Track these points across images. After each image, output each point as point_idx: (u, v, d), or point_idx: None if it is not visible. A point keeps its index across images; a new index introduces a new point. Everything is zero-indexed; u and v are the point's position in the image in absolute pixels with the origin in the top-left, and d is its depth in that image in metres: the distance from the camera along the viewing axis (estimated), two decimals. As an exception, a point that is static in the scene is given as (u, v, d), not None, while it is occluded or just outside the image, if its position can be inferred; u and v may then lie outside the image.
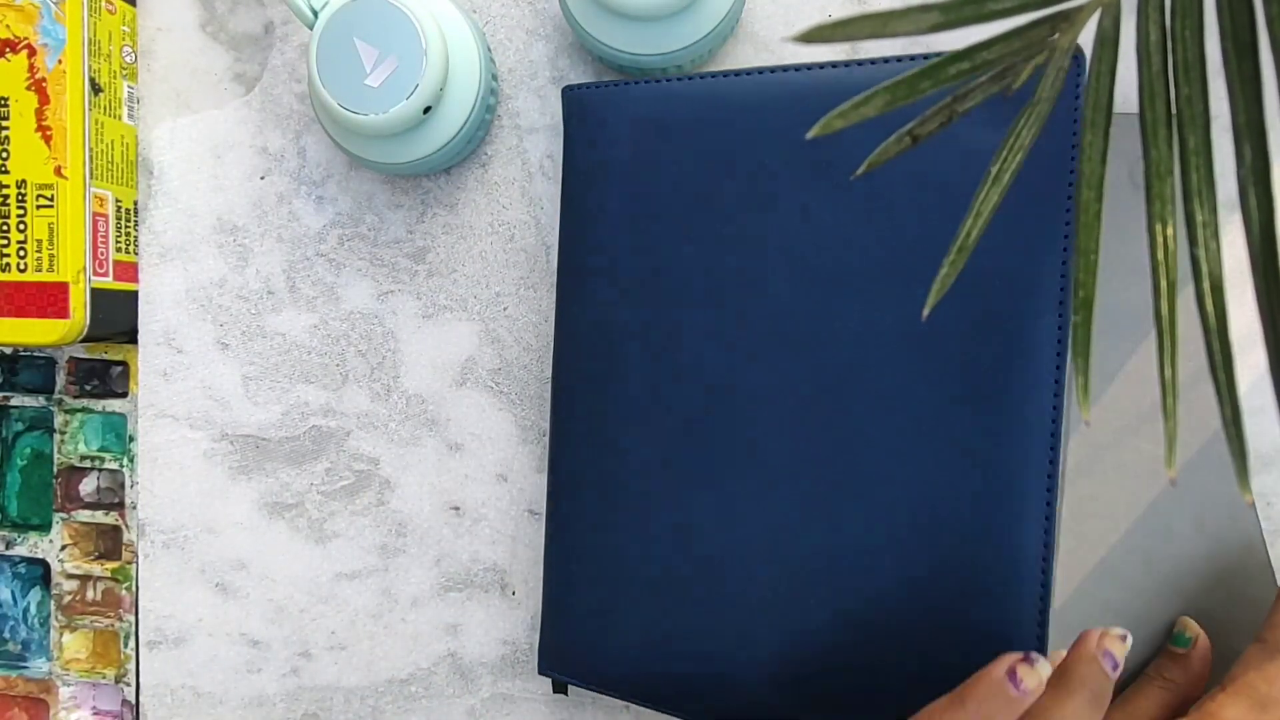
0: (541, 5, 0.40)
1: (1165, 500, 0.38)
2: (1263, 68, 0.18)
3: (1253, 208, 0.17)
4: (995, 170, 0.22)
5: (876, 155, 0.21)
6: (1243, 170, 0.17)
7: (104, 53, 0.39)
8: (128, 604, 0.43)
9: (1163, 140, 0.19)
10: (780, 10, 0.39)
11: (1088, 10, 0.21)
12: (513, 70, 0.40)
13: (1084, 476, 0.38)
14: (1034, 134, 0.22)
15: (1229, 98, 0.19)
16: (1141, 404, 0.38)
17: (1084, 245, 0.20)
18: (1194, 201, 0.18)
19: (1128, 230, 0.38)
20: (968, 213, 0.21)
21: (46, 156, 0.38)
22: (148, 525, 0.42)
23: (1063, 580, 0.38)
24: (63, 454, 0.43)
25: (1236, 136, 0.18)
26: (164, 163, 0.42)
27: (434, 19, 0.35)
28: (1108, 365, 0.38)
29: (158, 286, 0.42)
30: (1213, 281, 0.18)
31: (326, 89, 0.35)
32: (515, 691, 0.41)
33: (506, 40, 0.40)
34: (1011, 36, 0.21)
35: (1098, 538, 0.38)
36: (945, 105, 0.21)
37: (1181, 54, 0.20)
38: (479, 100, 0.37)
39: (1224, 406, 0.17)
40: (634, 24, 0.35)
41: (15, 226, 0.38)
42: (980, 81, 0.21)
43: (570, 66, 0.40)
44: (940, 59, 0.20)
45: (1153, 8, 0.20)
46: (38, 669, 0.44)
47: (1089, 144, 0.21)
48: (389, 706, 0.41)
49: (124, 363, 0.43)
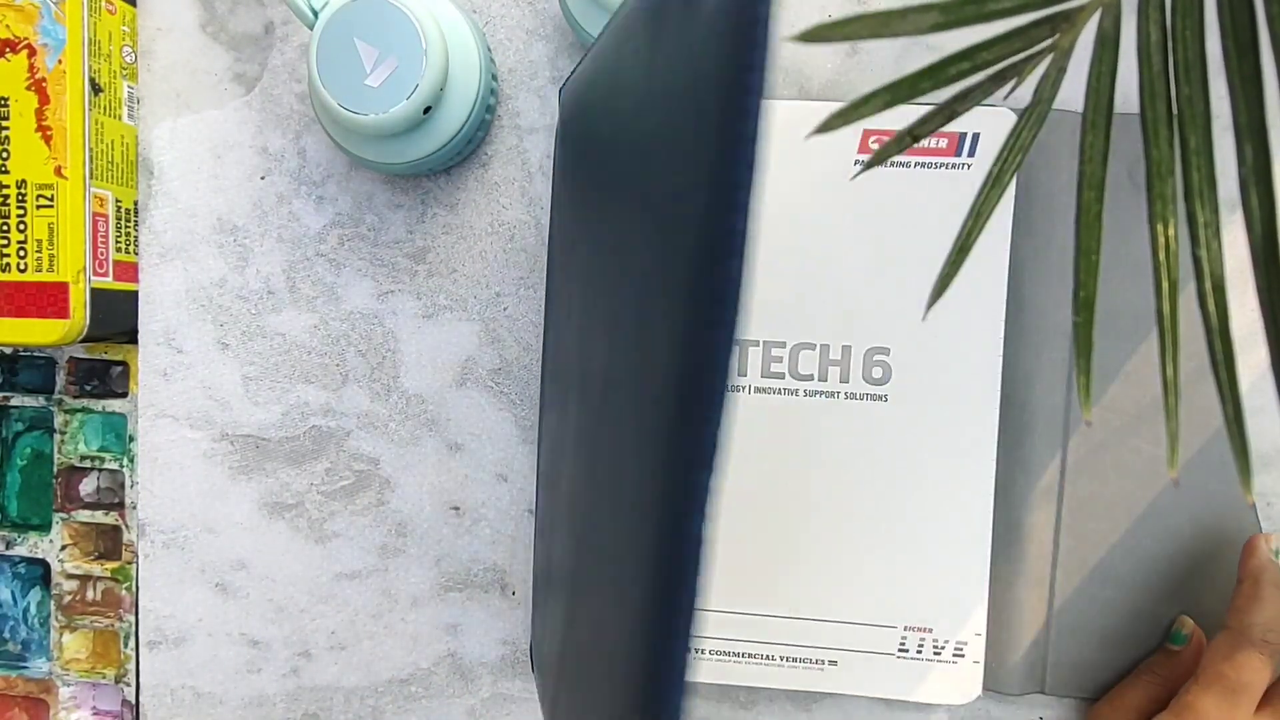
0: (541, 5, 0.40)
1: (1165, 500, 0.38)
2: (1264, 66, 0.18)
3: (1254, 206, 0.17)
4: (996, 171, 0.22)
5: (876, 155, 0.21)
6: (1244, 169, 0.17)
7: (104, 53, 0.39)
8: (128, 604, 0.43)
9: (1164, 140, 0.19)
10: (780, 10, 0.39)
11: (1088, 10, 0.21)
12: (513, 70, 0.40)
13: (1084, 476, 0.38)
14: (1034, 134, 0.22)
15: (1230, 97, 0.19)
16: (1141, 404, 0.38)
17: (1085, 245, 0.20)
18: (1195, 201, 0.18)
19: (1127, 230, 0.38)
20: (969, 214, 0.21)
21: (46, 156, 0.38)
22: (148, 525, 0.42)
23: (1063, 580, 0.38)
24: (63, 454, 0.43)
25: (1238, 135, 0.18)
26: (164, 163, 0.42)
27: (434, 19, 0.35)
28: (1107, 365, 0.38)
29: (158, 286, 0.42)
30: (1214, 281, 0.18)
31: (326, 89, 0.35)
32: (515, 691, 0.41)
33: (506, 40, 0.40)
34: (1012, 37, 0.21)
35: (1098, 538, 0.38)
36: (946, 105, 0.21)
37: (1182, 53, 0.20)
38: (479, 100, 0.37)
39: (1226, 406, 0.17)
40: (634, 24, 0.35)
41: (15, 226, 0.38)
42: (980, 81, 0.21)
43: (570, 66, 0.40)
44: (941, 59, 0.20)
45: (1153, 8, 0.20)
46: (38, 669, 0.44)
47: (1090, 144, 0.21)
48: (389, 706, 0.41)
49: (124, 363, 0.43)
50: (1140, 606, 0.38)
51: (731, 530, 0.37)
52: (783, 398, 0.37)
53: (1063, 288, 0.37)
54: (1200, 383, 0.35)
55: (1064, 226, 0.37)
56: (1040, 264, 0.37)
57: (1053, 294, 0.37)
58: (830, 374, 0.37)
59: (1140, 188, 0.37)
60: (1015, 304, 0.37)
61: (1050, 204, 0.37)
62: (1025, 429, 0.37)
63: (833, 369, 0.37)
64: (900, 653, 0.38)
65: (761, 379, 0.37)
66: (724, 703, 0.40)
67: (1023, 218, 0.37)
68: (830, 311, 0.37)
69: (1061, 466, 0.38)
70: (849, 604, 0.38)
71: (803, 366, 0.37)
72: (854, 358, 0.37)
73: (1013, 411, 0.37)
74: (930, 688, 0.38)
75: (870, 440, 0.37)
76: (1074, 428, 0.38)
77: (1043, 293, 0.37)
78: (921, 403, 0.37)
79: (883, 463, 0.37)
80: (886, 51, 0.39)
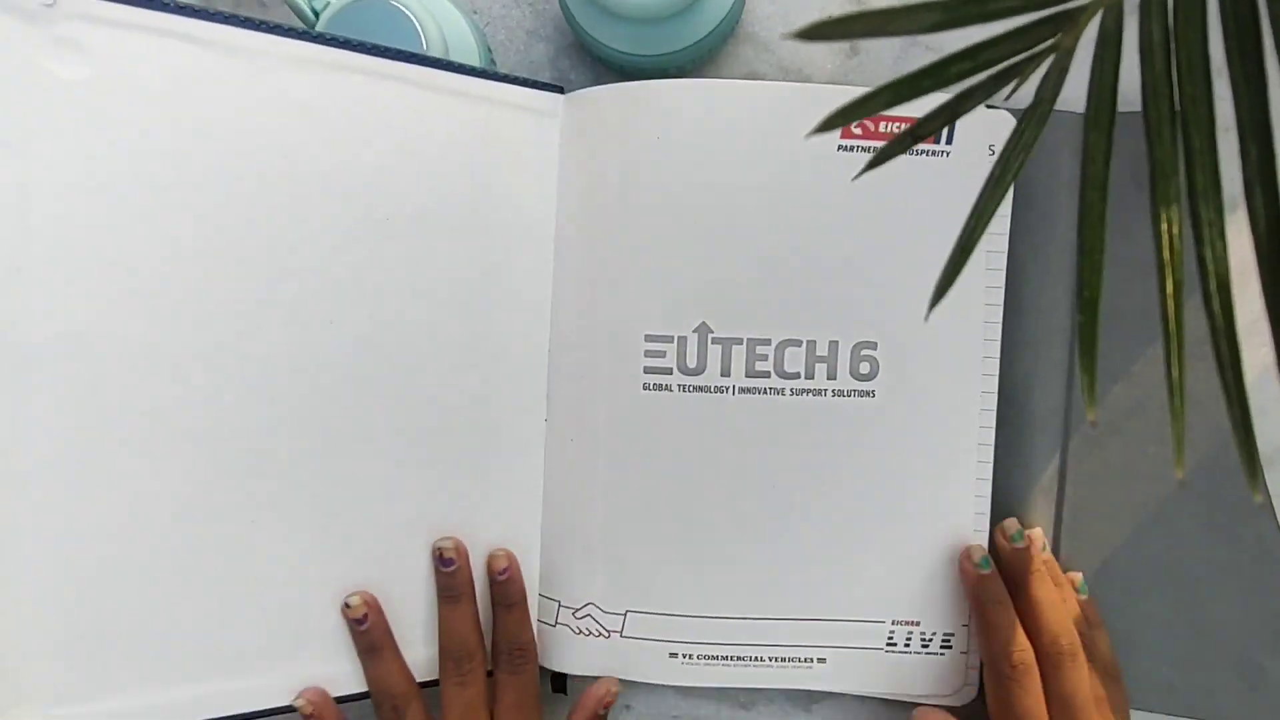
0: (542, 6, 0.40)
1: (1166, 500, 0.38)
2: (1267, 65, 0.18)
3: (1259, 206, 0.17)
4: (999, 172, 0.22)
5: (879, 155, 0.21)
6: (1248, 169, 0.17)
7: (102, 53, 0.39)
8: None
9: (1167, 140, 0.19)
10: (780, 10, 0.39)
11: (1090, 10, 0.21)
12: (513, 71, 0.40)
13: (1084, 476, 0.38)
14: (1036, 135, 0.22)
15: (1233, 96, 0.18)
16: (1141, 403, 0.38)
17: (1089, 246, 0.20)
18: (1199, 201, 0.18)
19: (1127, 229, 0.38)
20: (970, 214, 0.21)
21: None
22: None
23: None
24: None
25: (1241, 135, 0.18)
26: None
27: (435, 20, 0.35)
28: (1106, 364, 0.38)
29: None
30: (1219, 281, 0.18)
31: (326, 89, 0.34)
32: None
33: (507, 41, 0.40)
34: (1014, 36, 0.21)
35: (1098, 538, 0.38)
36: (948, 105, 0.21)
37: (1185, 53, 0.20)
38: (479, 101, 0.37)
39: (1232, 407, 0.17)
40: (634, 24, 0.35)
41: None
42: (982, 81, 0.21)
43: (570, 67, 0.40)
44: (943, 58, 0.20)
45: (1155, 7, 0.20)
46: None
47: (1093, 145, 0.21)
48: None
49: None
50: (1140, 606, 0.38)
51: (720, 534, 0.37)
52: (769, 398, 0.37)
53: (1062, 287, 0.37)
54: (1200, 382, 0.35)
55: (1063, 226, 0.37)
56: (1039, 263, 0.37)
57: (1052, 293, 0.37)
58: (817, 371, 0.37)
59: (1141, 187, 0.37)
60: (1014, 304, 0.37)
61: (1049, 203, 0.37)
62: (1025, 429, 0.37)
63: (819, 366, 0.37)
64: (889, 647, 0.37)
65: (746, 379, 0.37)
66: (724, 703, 0.40)
67: (1022, 217, 0.37)
68: (814, 305, 0.37)
69: (1061, 466, 0.38)
70: (838, 602, 0.37)
71: (789, 364, 0.37)
72: (841, 353, 0.37)
73: (1013, 411, 0.37)
74: (918, 681, 0.37)
75: (858, 439, 0.37)
76: (1074, 428, 0.38)
77: (1042, 292, 0.37)
78: (909, 399, 0.37)
79: (870, 461, 0.37)
80: (886, 52, 0.39)
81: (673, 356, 0.36)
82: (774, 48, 0.39)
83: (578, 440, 0.37)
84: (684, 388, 0.37)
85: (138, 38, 0.30)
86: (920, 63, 0.27)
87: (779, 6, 0.39)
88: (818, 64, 0.39)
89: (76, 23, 0.29)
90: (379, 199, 0.34)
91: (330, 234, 0.33)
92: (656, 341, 0.36)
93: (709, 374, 0.36)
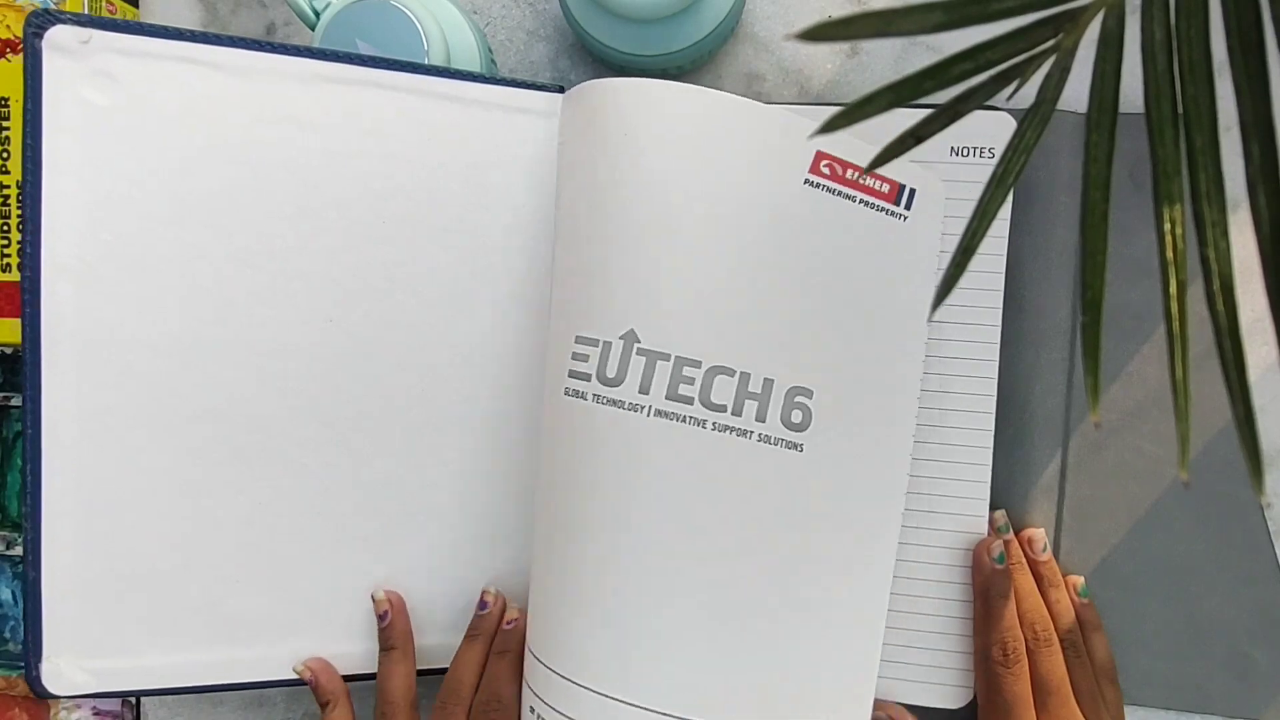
0: (542, 6, 0.40)
1: (1166, 500, 0.38)
2: (1269, 64, 0.18)
3: (1262, 206, 0.17)
4: (1000, 173, 0.22)
5: (881, 154, 0.21)
6: (1251, 168, 0.17)
7: (103, 54, 0.39)
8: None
9: (1169, 140, 0.19)
10: (780, 10, 0.39)
11: (1092, 10, 0.21)
12: (514, 71, 0.40)
13: (1084, 476, 0.38)
14: (1038, 135, 0.22)
15: (1236, 96, 0.18)
16: (1141, 403, 0.38)
17: (1091, 246, 0.20)
18: (1202, 200, 0.18)
19: (1127, 230, 0.38)
20: (973, 215, 0.21)
21: (45, 158, 0.38)
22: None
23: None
24: (61, 457, 0.43)
25: (1244, 134, 0.18)
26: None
27: (435, 20, 0.35)
28: (1107, 364, 0.38)
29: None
30: (1223, 281, 0.18)
31: (327, 90, 0.34)
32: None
33: (508, 41, 0.40)
34: (1015, 36, 0.21)
35: (1098, 538, 0.38)
36: (950, 105, 0.21)
37: (1187, 53, 0.20)
38: (479, 101, 0.37)
39: (1236, 406, 0.17)
40: (634, 25, 0.35)
41: (16, 226, 0.38)
42: (984, 81, 0.21)
43: (570, 67, 0.40)
44: (945, 59, 0.20)
45: (1157, 7, 0.20)
46: (36, 673, 0.44)
47: (1094, 145, 0.21)
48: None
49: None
50: (1138, 604, 0.38)
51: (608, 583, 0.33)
52: (688, 428, 0.33)
53: (1062, 287, 0.37)
54: (1200, 381, 0.35)
55: (1063, 226, 0.37)
56: (1039, 263, 0.37)
57: (1052, 293, 0.37)
58: (746, 409, 0.33)
59: (1141, 187, 0.37)
60: (1014, 304, 0.37)
61: (1049, 203, 0.37)
62: (1025, 429, 0.37)
63: (749, 403, 0.33)
64: None
65: (666, 401, 0.33)
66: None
67: (1022, 217, 0.37)
68: (753, 335, 0.33)
69: (1061, 466, 0.38)
70: (723, 704, 0.33)
71: (716, 394, 0.33)
72: (775, 394, 0.33)
73: (1013, 411, 0.37)
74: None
75: (776, 495, 0.33)
76: (1074, 428, 0.38)
77: (1042, 292, 0.37)
78: (836, 461, 0.34)
79: (784, 526, 0.33)
80: (887, 53, 0.39)
81: (595, 362, 0.33)
82: (774, 48, 0.39)
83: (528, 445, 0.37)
84: (598, 398, 0.33)
85: (159, 65, 0.33)
86: (921, 63, 0.27)
87: (779, 7, 0.39)
88: (818, 64, 0.39)
89: (109, 55, 0.33)
90: (381, 205, 0.35)
91: (332, 236, 0.35)
92: (584, 344, 0.33)
93: (625, 387, 0.33)
